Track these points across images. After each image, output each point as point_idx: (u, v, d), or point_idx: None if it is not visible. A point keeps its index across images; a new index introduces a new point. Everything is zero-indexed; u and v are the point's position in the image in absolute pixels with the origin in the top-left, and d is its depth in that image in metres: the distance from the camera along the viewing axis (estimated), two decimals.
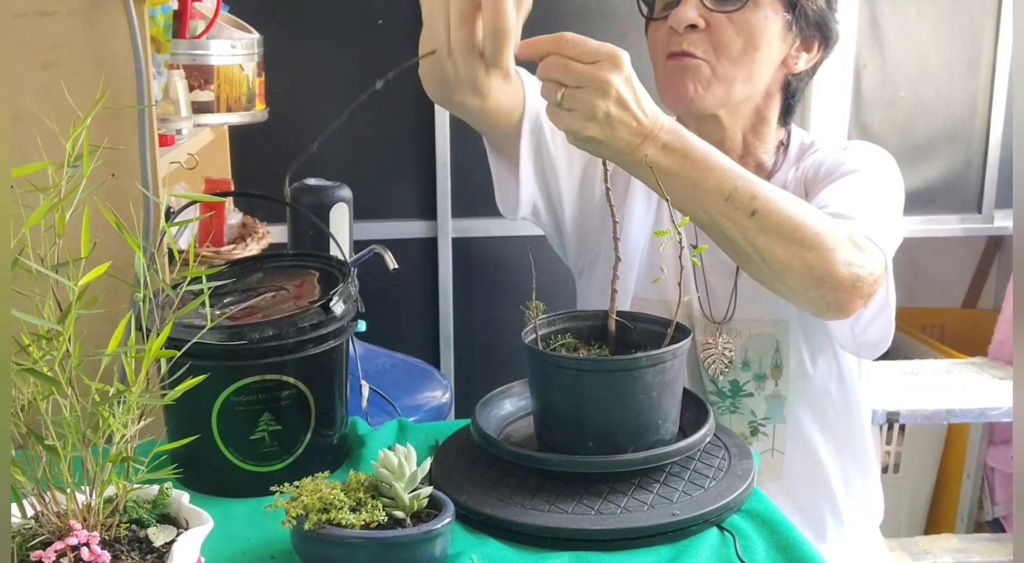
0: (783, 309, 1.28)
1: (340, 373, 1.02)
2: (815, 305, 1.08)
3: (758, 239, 1.01)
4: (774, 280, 1.06)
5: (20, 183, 0.70)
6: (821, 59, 1.29)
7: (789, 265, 1.02)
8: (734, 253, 1.05)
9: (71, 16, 1.05)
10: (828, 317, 1.11)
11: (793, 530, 0.88)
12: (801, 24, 1.24)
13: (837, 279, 1.04)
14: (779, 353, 1.29)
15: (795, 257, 1.02)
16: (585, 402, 0.93)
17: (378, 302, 1.32)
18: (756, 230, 1.01)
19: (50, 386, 0.69)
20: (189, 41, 1.43)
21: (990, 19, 2.30)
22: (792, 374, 1.29)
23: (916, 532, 2.37)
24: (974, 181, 2.39)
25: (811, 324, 1.28)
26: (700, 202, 1.00)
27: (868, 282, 1.07)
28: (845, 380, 1.32)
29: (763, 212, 1.00)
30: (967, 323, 2.61)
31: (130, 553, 0.71)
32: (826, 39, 1.27)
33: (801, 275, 1.03)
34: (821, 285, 1.04)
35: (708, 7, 1.20)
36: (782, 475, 1.32)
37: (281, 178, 1.09)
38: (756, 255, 1.02)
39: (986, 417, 2.08)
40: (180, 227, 1.22)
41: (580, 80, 0.90)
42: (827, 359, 1.30)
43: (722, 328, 1.30)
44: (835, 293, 1.05)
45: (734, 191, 1.00)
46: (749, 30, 1.20)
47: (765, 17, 1.21)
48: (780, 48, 1.24)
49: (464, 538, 0.88)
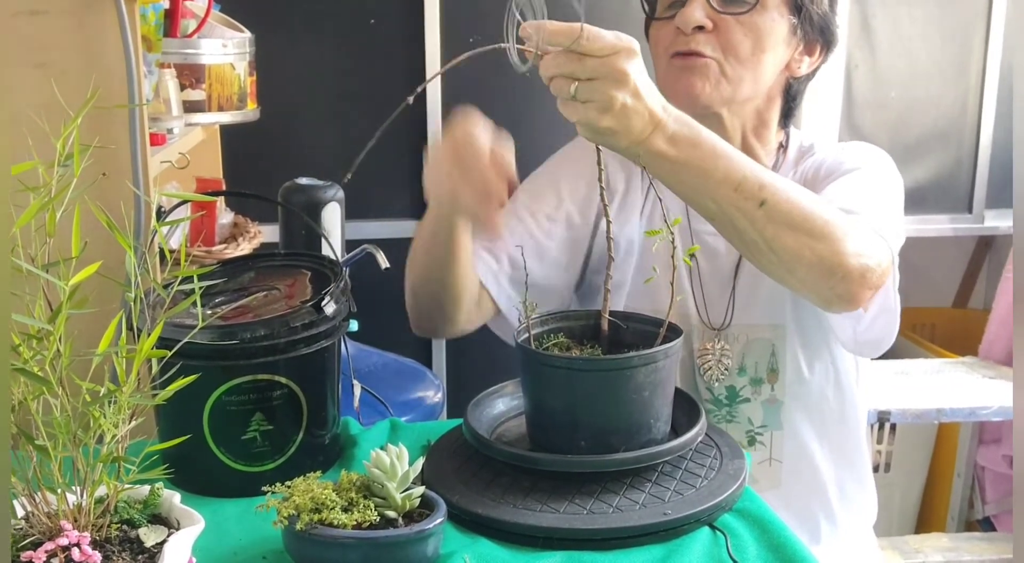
0: (780, 314, 1.28)
1: (332, 373, 1.02)
2: (824, 297, 1.07)
3: (767, 229, 1.00)
4: (784, 271, 1.05)
5: (11, 182, 0.70)
6: (822, 63, 1.30)
7: (799, 256, 1.02)
8: (743, 245, 1.04)
9: (62, 15, 1.05)
10: (836, 309, 1.10)
11: (785, 529, 0.89)
12: (806, 28, 1.24)
13: (847, 270, 1.03)
14: (775, 357, 1.29)
15: (805, 247, 1.02)
16: (577, 401, 0.93)
17: (370, 302, 1.32)
18: (766, 220, 1.00)
19: (41, 386, 0.69)
20: (180, 40, 1.43)
21: (980, 20, 2.31)
22: (789, 379, 1.29)
23: (907, 531, 2.38)
24: (964, 181, 2.40)
25: (808, 329, 1.28)
26: (710, 192, 0.99)
27: (876, 273, 1.07)
28: (842, 386, 1.32)
29: (772, 202, 1.00)
30: (958, 323, 2.62)
31: (121, 553, 0.71)
32: (828, 43, 1.28)
33: (811, 266, 1.03)
34: (831, 276, 1.04)
35: (716, 9, 1.20)
36: (780, 483, 1.32)
37: (273, 178, 1.09)
38: (766, 246, 1.02)
39: (976, 416, 2.09)
40: (171, 226, 1.21)
41: (596, 73, 0.89)
42: (824, 364, 1.30)
43: (720, 334, 1.30)
44: (845, 284, 1.04)
45: (743, 180, 0.99)
46: (757, 32, 1.20)
47: (772, 20, 1.21)
48: (785, 52, 1.25)
49: (456, 538, 0.87)
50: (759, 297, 1.28)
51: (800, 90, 1.31)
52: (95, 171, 1.03)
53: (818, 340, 1.29)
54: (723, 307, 1.30)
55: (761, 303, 1.28)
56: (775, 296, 1.27)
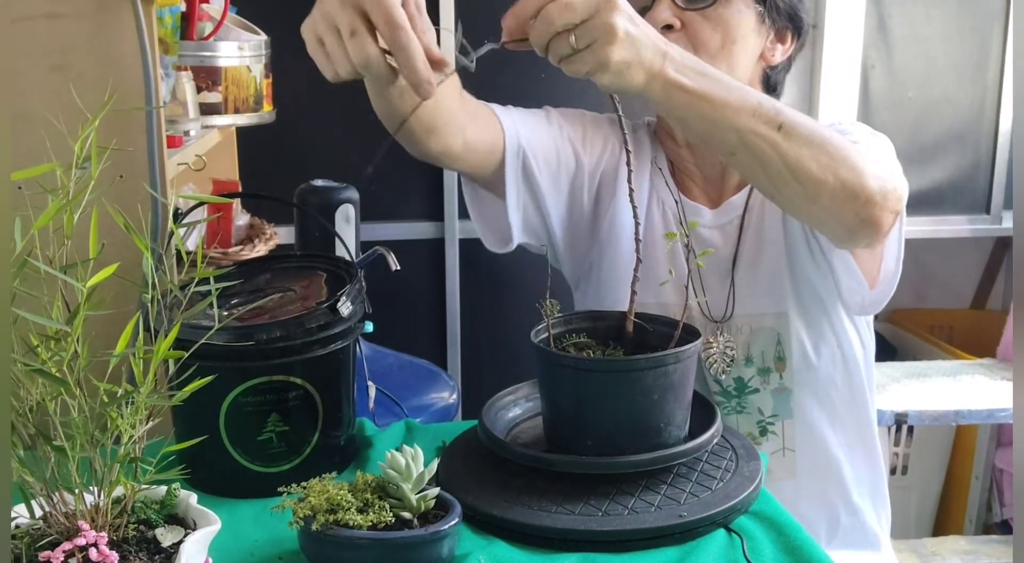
0: (782, 301, 1.28)
1: (347, 374, 1.03)
2: (848, 223, 1.07)
3: (790, 154, 1.00)
4: (808, 201, 1.05)
5: (29, 185, 0.71)
6: (796, 50, 1.32)
7: (823, 181, 1.02)
8: (767, 178, 1.04)
9: (79, 18, 1.05)
10: (861, 236, 1.10)
11: (800, 531, 0.88)
12: (773, 15, 1.26)
13: (869, 193, 1.04)
14: (781, 345, 1.29)
15: (827, 171, 1.02)
16: (584, 402, 0.93)
17: (385, 303, 1.32)
18: (787, 144, 1.00)
19: (58, 387, 0.69)
20: (197, 43, 1.43)
21: (998, 19, 2.29)
22: (796, 366, 1.30)
23: (924, 534, 2.36)
24: (982, 182, 2.38)
25: (810, 313, 1.29)
26: (730, 120, 0.99)
27: (895, 197, 1.07)
28: (850, 370, 1.32)
29: (789, 124, 1.00)
30: (975, 324, 2.60)
31: (138, 553, 0.72)
32: (798, 29, 1.30)
33: (835, 191, 1.03)
34: (855, 200, 1.04)
35: (680, 6, 1.22)
36: (795, 472, 1.32)
37: (289, 180, 1.09)
38: (790, 174, 1.01)
39: (995, 418, 2.07)
40: (188, 228, 1.22)
41: (585, 13, 0.88)
42: (830, 348, 1.30)
43: (722, 327, 1.30)
44: (868, 208, 1.05)
45: (759, 105, 1.00)
46: (725, 25, 1.22)
47: (738, 11, 1.23)
48: (756, 42, 1.26)
49: (471, 539, 0.88)
50: (759, 286, 1.29)
51: (779, 80, 1.33)
52: (112, 173, 1.03)
53: (822, 323, 1.29)
54: (723, 300, 1.30)
55: (761, 292, 1.29)
56: (775, 284, 1.28)
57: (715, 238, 1.29)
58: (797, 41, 1.31)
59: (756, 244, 1.30)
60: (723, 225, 1.31)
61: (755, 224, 1.30)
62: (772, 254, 1.28)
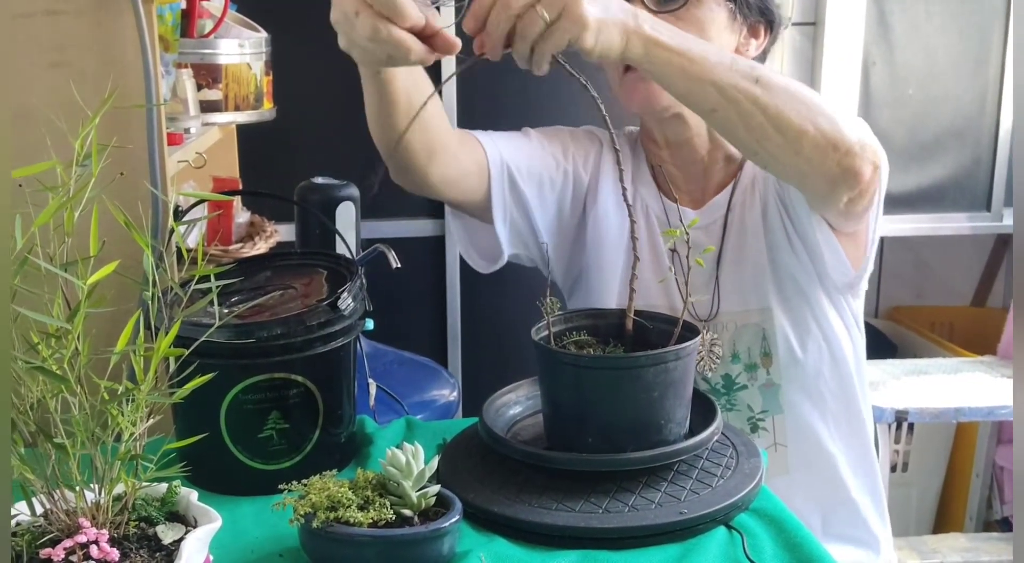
0: (765, 297, 1.29)
1: (348, 371, 1.03)
2: (830, 174, 1.09)
3: (770, 106, 1.03)
4: (791, 152, 1.06)
5: (29, 182, 0.71)
6: (770, 44, 1.33)
7: (804, 131, 1.04)
8: (748, 132, 1.05)
9: (79, 15, 1.05)
10: (844, 189, 1.12)
11: (801, 528, 0.88)
12: (744, 11, 1.27)
13: (848, 143, 1.07)
14: (767, 341, 1.30)
15: (807, 121, 1.04)
16: (584, 399, 0.93)
17: (385, 300, 1.33)
18: (767, 96, 1.02)
19: (59, 384, 0.69)
20: (197, 40, 1.43)
21: (999, 16, 2.29)
22: (783, 361, 1.30)
23: (924, 531, 2.37)
24: (983, 179, 2.38)
25: (794, 307, 1.29)
26: (709, 75, 1.01)
27: (871, 149, 1.10)
28: (838, 363, 1.32)
29: (766, 78, 1.03)
30: (976, 322, 2.60)
31: (139, 551, 0.72)
32: (771, 23, 1.31)
33: (816, 141, 1.05)
34: (836, 149, 1.06)
35: (652, 9, 1.21)
36: (788, 468, 1.32)
37: (290, 177, 1.09)
38: (771, 126, 1.03)
39: (995, 416, 2.07)
40: (188, 226, 1.22)
41: None
42: (816, 342, 1.30)
43: (708, 325, 1.30)
44: (849, 157, 1.07)
45: (735, 61, 1.03)
46: (698, 24, 1.22)
47: (710, 10, 1.23)
48: (729, 39, 1.27)
49: (472, 536, 0.88)
50: (743, 283, 1.30)
51: None
52: (113, 171, 1.03)
53: (806, 317, 1.30)
54: (708, 298, 1.31)
55: (745, 288, 1.29)
56: (758, 279, 1.29)
57: (700, 238, 1.29)
58: (770, 35, 1.32)
59: (739, 241, 1.30)
60: (708, 225, 1.31)
61: (737, 222, 1.31)
62: (754, 250, 1.29)
